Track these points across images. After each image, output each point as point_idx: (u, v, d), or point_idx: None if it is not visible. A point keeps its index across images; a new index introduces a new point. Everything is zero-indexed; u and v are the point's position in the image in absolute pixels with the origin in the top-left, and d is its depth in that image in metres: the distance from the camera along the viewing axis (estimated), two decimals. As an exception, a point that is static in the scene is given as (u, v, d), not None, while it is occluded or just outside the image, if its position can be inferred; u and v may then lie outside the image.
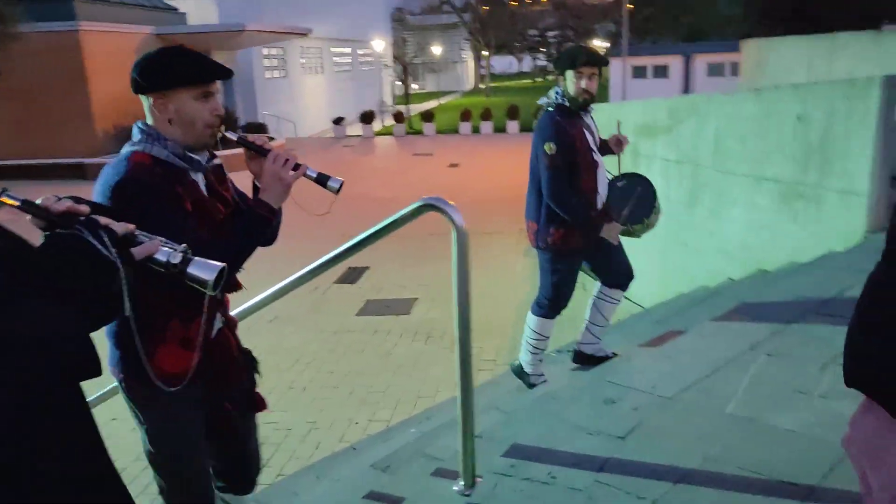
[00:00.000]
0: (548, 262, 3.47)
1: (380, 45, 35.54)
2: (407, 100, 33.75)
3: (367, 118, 25.13)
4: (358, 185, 14.59)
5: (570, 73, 3.24)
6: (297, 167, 1.87)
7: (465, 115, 25.23)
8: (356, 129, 25.87)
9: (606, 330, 3.73)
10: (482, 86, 50.63)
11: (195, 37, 19.84)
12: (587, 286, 7.89)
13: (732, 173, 5.49)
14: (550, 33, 46.75)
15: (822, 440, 2.32)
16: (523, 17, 47.78)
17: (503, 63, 62.74)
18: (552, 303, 3.54)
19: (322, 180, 1.91)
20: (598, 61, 3.26)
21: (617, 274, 3.57)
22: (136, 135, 1.88)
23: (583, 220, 3.30)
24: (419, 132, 25.33)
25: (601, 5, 43.42)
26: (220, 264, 1.38)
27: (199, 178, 1.93)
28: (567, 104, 3.28)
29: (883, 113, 4.55)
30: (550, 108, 3.32)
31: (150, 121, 1.87)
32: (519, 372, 3.79)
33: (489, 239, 10.09)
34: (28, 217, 1.20)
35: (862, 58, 7.44)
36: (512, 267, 9.08)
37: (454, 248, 2.09)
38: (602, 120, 8.82)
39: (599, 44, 46.67)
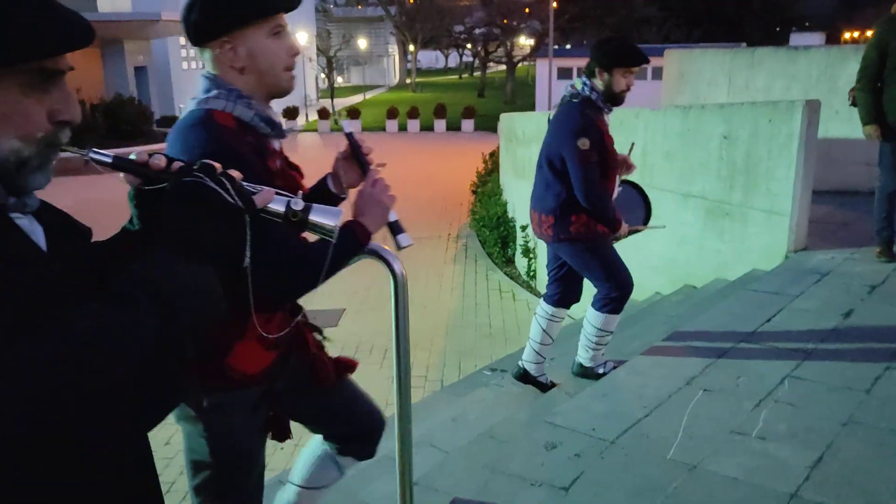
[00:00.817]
0: (582, 252, 3.28)
1: (303, 37, 34.78)
2: (332, 94, 33.18)
3: (291, 113, 24.54)
4: (282, 186, 14.20)
5: (618, 70, 3.12)
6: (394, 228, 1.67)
7: (392, 113, 24.99)
8: (280, 124, 25.19)
9: (549, 348, 3.64)
10: (409, 80, 50.39)
11: (107, 25, 18.85)
12: (531, 304, 7.86)
13: (660, 189, 5.54)
14: (477, 30, 46.90)
15: (763, 487, 2.31)
16: (450, 13, 47.79)
17: (429, 58, 62.63)
18: (622, 292, 3.31)
19: (395, 230, 1.68)
20: (646, 60, 3.15)
21: (570, 294, 3.51)
22: (208, 87, 1.55)
23: (612, 220, 3.22)
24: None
25: (527, 2, 43.91)
26: (340, 209, 1.23)
27: (278, 147, 1.64)
28: (596, 98, 3.16)
29: (804, 136, 4.68)
30: (575, 100, 3.19)
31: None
32: (582, 372, 3.61)
33: (418, 244, 9.98)
34: (120, 175, 1.07)
35: (778, 73, 7.71)
36: (441, 274, 8.99)
37: (393, 299, 1.96)
38: (533, 130, 8.79)
39: (525, 41, 47.23)
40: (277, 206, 1.14)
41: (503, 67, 45.67)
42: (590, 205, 3.17)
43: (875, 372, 3.04)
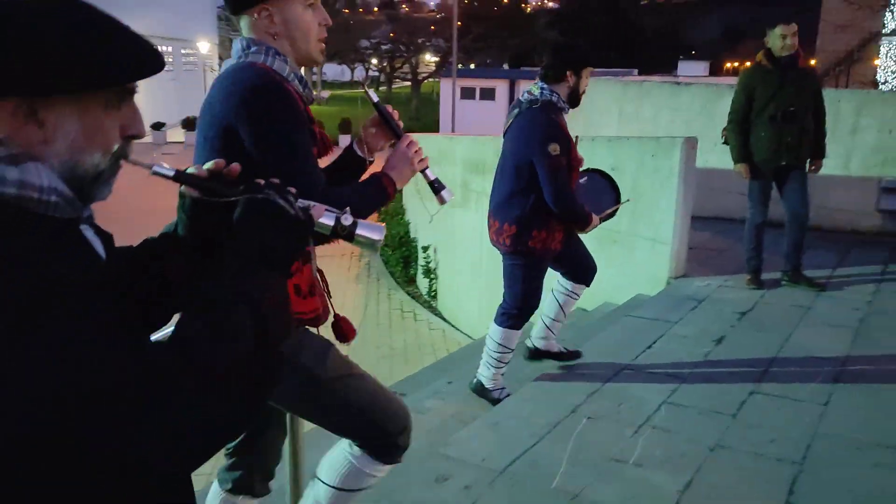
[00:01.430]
0: (522, 268, 3.34)
1: (205, 45, 33.79)
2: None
3: (190, 124, 23.73)
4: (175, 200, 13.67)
5: (586, 72, 3.25)
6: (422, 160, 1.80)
7: (296, 126, 24.57)
8: (178, 134, 24.34)
9: (563, 325, 3.70)
10: (316, 93, 49.79)
11: None
12: (431, 325, 7.89)
13: (555, 216, 5.77)
14: (384, 46, 47.06)
15: (637, 514, 2.46)
16: (357, 27, 47.70)
17: (335, 71, 62.23)
18: (523, 311, 3.42)
19: (437, 187, 1.82)
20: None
21: (585, 269, 3.56)
22: (246, 46, 1.64)
23: (584, 219, 3.28)
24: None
25: (432, 20, 44.45)
26: (383, 225, 1.30)
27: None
28: (557, 100, 3.21)
29: (683, 171, 5.02)
30: (535, 106, 3.22)
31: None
32: (480, 390, 3.61)
33: (320, 263, 9.87)
34: (182, 187, 1.15)
35: (663, 105, 8.20)
36: (344, 293, 8.94)
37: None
38: (434, 152, 8.91)
39: (430, 58, 47.79)
40: (327, 220, 1.20)
41: (409, 83, 46.02)
42: (561, 209, 3.20)
43: (741, 397, 3.30)
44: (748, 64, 5.18)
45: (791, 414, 3.13)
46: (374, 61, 49.05)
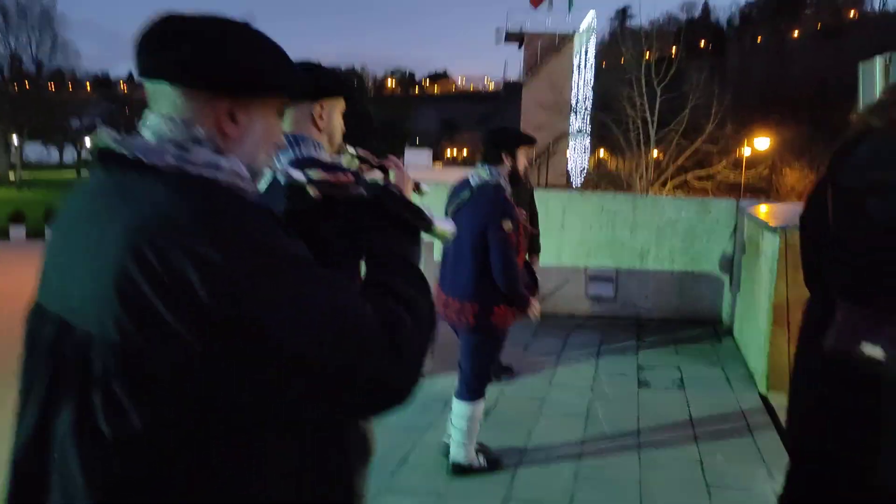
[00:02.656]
0: (482, 344, 3.52)
1: None
2: None
3: None
4: None
5: (521, 152, 3.47)
6: (417, 187, 1.67)
7: (-12, 216, 21.27)
8: None
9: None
10: (13, 176, 43.96)
11: None
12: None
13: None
14: (98, 123, 43.48)
15: None
16: (63, 105, 43.51)
17: (40, 152, 55.78)
18: (482, 383, 3.59)
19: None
20: (534, 139, 3.68)
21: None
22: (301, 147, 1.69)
23: (524, 299, 3.42)
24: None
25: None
26: (450, 220, 1.56)
27: None
28: (504, 183, 3.41)
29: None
30: (487, 188, 3.39)
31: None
32: (461, 470, 3.60)
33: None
34: (312, 190, 1.32)
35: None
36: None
37: None
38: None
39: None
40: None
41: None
42: (506, 283, 3.34)
43: (496, 507, 3.31)
44: (465, 152, 5.59)
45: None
46: (87, 142, 44.97)
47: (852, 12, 60.01)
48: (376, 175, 1.34)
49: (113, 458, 0.87)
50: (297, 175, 1.31)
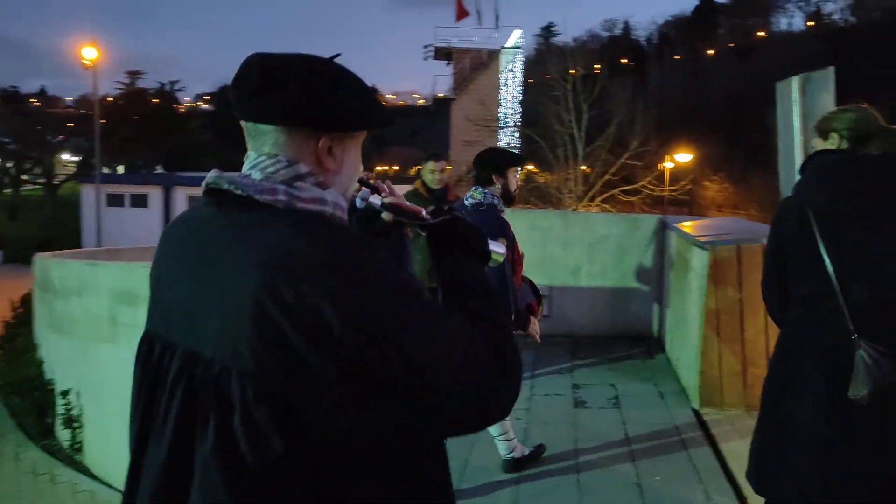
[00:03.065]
0: None
1: None
2: None
3: None
4: None
5: (511, 172, 3.47)
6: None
7: None
8: None
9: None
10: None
11: None
12: (79, 487, 6.53)
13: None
14: (8, 144, 41.13)
15: None
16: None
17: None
18: None
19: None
20: (525, 159, 3.75)
21: None
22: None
23: (523, 316, 3.41)
24: None
25: (72, 116, 40.42)
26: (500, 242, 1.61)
27: None
28: (498, 203, 3.42)
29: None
30: (482, 209, 3.38)
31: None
32: (516, 463, 3.88)
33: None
34: (386, 215, 1.35)
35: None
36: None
37: None
38: (73, 282, 7.70)
39: (68, 158, 43.15)
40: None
41: (41, 185, 40.76)
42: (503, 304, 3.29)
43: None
44: (396, 167, 5.62)
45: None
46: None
47: (761, 32, 63.24)
48: (374, 198, 1.37)
49: (256, 480, 0.94)
50: (375, 200, 1.36)
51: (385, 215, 1.35)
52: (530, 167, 34.89)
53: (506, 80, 34.17)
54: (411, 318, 0.96)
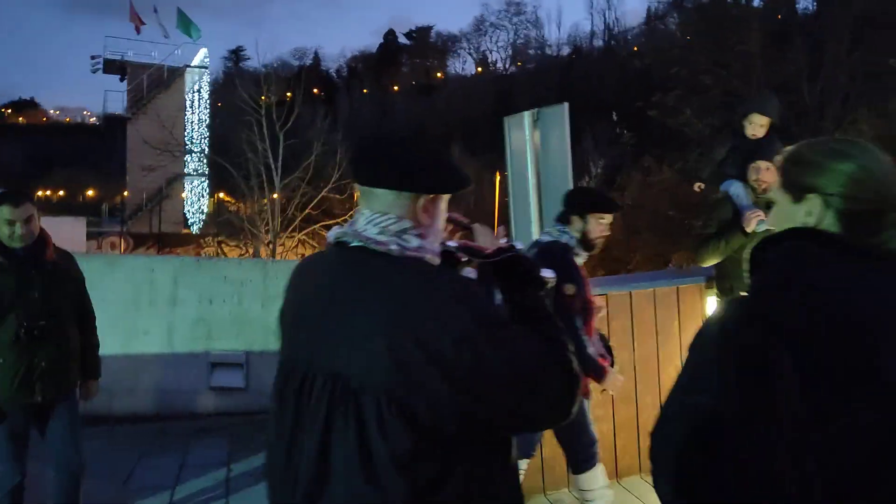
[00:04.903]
0: (581, 413, 3.15)
1: None
2: None
3: None
4: None
5: (593, 217, 3.19)
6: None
7: None
8: None
9: None
10: None
11: None
12: None
13: None
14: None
15: None
16: None
17: None
18: (588, 446, 3.29)
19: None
20: (618, 207, 3.41)
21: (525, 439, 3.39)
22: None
23: (596, 365, 3.13)
24: None
25: None
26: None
27: None
28: (573, 245, 3.19)
29: None
30: (553, 245, 3.17)
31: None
32: None
33: None
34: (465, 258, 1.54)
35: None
36: None
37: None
38: None
39: None
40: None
41: None
42: (573, 353, 2.51)
43: None
44: (63, 193, 3.70)
45: None
46: None
47: (440, 73, 68.77)
48: (449, 242, 1.53)
49: (390, 472, 1.20)
50: (450, 243, 1.52)
51: (459, 255, 1.53)
52: (221, 195, 32.64)
53: (191, 101, 31.56)
54: (506, 342, 1.24)
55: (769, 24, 20.75)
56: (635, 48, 47.08)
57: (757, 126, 4.11)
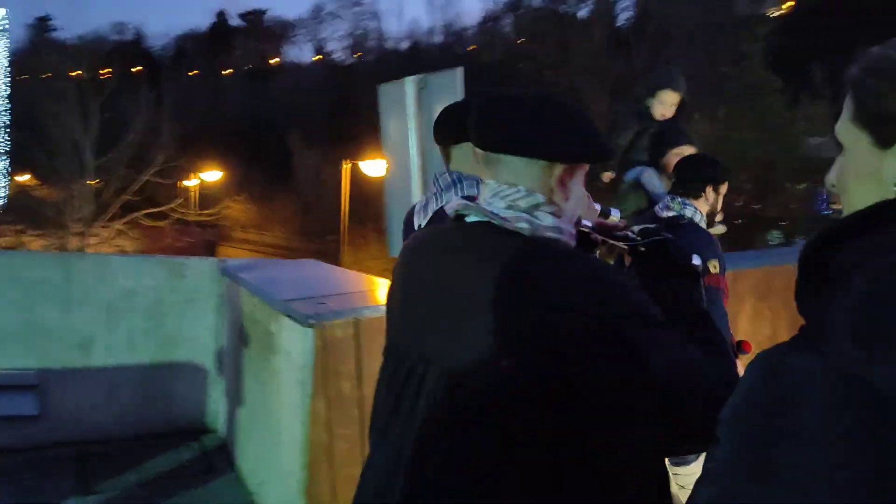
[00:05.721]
0: None
1: None
2: None
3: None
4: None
5: (722, 188, 2.82)
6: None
7: None
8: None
9: None
10: None
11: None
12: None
13: None
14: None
15: None
16: None
17: None
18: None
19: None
20: None
21: None
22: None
23: (745, 345, 2.78)
24: None
25: None
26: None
27: None
28: (700, 220, 2.76)
29: None
30: (683, 222, 2.71)
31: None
32: None
33: None
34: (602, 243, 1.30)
35: None
36: None
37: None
38: None
39: None
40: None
41: None
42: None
43: None
44: None
45: None
46: None
47: (275, 59, 65.89)
48: (585, 221, 1.32)
49: (487, 455, 1.07)
50: (585, 222, 1.32)
51: (595, 237, 1.33)
52: (24, 178, 29.14)
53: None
54: (643, 338, 1.02)
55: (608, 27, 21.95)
56: (473, 46, 47.86)
57: (668, 105, 3.70)
